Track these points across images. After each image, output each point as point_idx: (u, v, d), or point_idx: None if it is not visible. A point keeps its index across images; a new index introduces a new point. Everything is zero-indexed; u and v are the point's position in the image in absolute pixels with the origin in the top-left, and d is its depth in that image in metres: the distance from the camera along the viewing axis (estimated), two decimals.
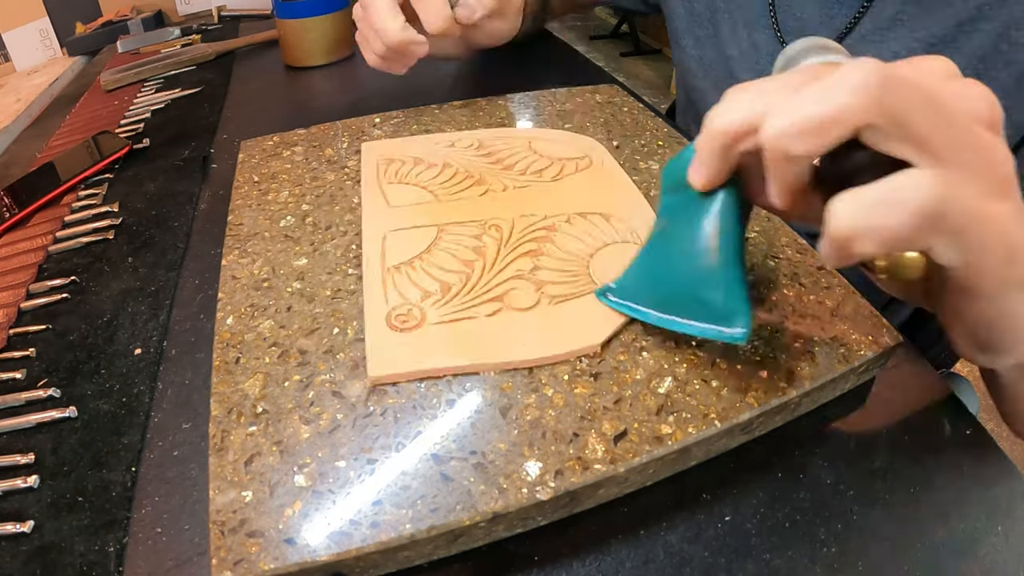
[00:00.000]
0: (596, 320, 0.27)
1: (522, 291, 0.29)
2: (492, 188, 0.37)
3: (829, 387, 0.26)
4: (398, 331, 0.27)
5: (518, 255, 0.31)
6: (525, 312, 0.28)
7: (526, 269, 0.30)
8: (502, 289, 0.29)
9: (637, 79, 2.86)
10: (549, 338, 0.27)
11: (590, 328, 0.27)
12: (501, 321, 0.28)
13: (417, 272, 0.30)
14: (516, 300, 0.29)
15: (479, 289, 0.29)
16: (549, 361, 0.26)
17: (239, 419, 0.24)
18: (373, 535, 0.20)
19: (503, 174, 0.39)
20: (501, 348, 0.26)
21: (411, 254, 0.31)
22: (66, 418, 0.27)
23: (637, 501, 0.24)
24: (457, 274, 0.30)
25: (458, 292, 0.29)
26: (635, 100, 0.49)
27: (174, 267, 0.36)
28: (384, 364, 0.26)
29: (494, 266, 0.31)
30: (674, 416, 0.24)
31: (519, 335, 0.27)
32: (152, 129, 0.54)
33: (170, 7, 0.88)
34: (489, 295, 0.29)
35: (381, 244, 0.32)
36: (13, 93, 0.69)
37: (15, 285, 0.35)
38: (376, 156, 0.41)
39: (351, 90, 0.61)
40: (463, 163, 0.40)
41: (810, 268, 0.31)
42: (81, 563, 0.22)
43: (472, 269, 0.30)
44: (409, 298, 0.29)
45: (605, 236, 0.33)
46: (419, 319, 0.28)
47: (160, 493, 0.24)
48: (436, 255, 0.31)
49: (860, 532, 0.23)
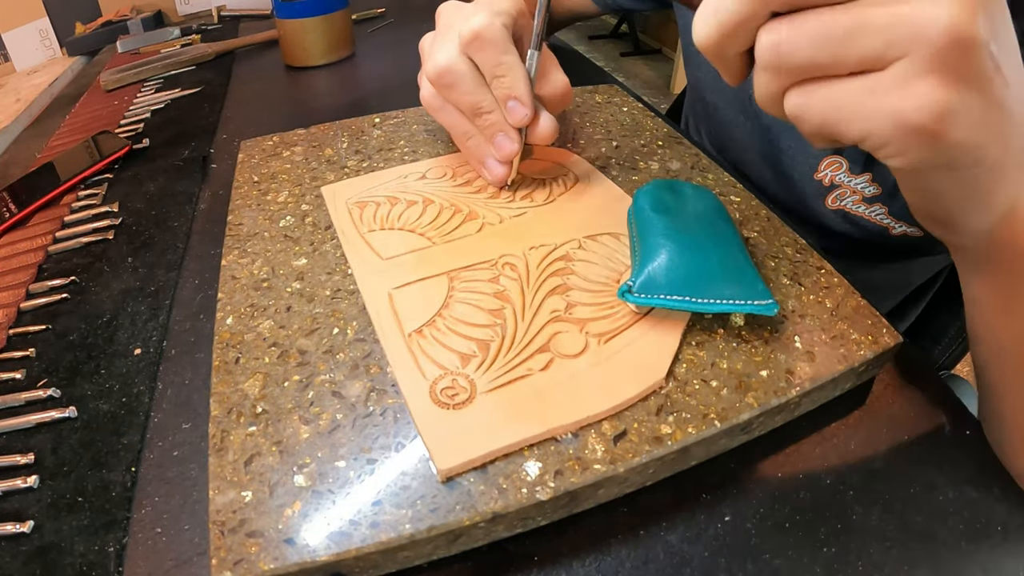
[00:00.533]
0: (650, 352, 0.26)
1: (568, 335, 0.27)
2: (487, 221, 0.34)
3: (829, 387, 0.26)
4: (448, 408, 0.24)
5: (545, 294, 0.29)
6: (578, 358, 0.26)
7: (561, 309, 0.28)
8: (544, 336, 0.27)
9: (637, 79, 2.86)
10: (614, 382, 0.25)
11: (649, 362, 0.25)
12: (557, 373, 0.25)
13: (444, 333, 0.27)
14: (564, 346, 0.26)
15: (520, 342, 0.26)
16: (623, 407, 0.24)
17: (239, 419, 0.24)
18: (373, 535, 0.20)
19: (491, 203, 0.35)
20: (569, 403, 0.24)
21: (429, 312, 0.28)
22: (66, 418, 0.27)
23: (637, 501, 0.24)
24: (489, 328, 0.27)
25: (499, 349, 0.26)
26: (635, 100, 0.49)
27: (174, 267, 0.36)
28: (453, 454, 0.22)
29: (525, 312, 0.28)
30: (674, 416, 0.24)
31: (581, 385, 0.25)
32: (152, 129, 0.54)
33: (170, 7, 0.88)
34: (533, 346, 0.26)
35: (390, 305, 0.29)
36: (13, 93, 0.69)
37: (15, 285, 0.35)
38: (343, 201, 0.36)
39: (351, 90, 0.61)
40: (444, 196, 0.36)
41: (810, 268, 0.31)
42: (81, 563, 0.22)
43: (503, 319, 0.28)
44: (447, 366, 0.25)
45: (623, 256, 0.31)
46: (469, 390, 0.24)
47: (160, 493, 0.24)
48: (457, 308, 0.28)
49: (860, 532, 0.23)
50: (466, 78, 0.33)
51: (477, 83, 0.33)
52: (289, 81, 0.64)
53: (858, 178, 0.41)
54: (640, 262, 0.28)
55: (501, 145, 0.34)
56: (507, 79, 0.33)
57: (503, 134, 0.34)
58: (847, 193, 0.42)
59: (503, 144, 0.34)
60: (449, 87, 0.34)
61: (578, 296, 0.29)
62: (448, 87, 0.34)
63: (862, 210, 0.42)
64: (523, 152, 0.36)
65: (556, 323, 0.27)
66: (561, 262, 0.31)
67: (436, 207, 0.35)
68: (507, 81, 0.33)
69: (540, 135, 0.35)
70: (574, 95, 0.49)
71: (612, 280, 0.30)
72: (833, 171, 0.42)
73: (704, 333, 0.27)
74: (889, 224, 0.41)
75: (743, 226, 0.34)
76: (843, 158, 0.41)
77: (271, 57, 0.71)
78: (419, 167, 0.39)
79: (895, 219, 0.41)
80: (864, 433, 0.27)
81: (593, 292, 0.29)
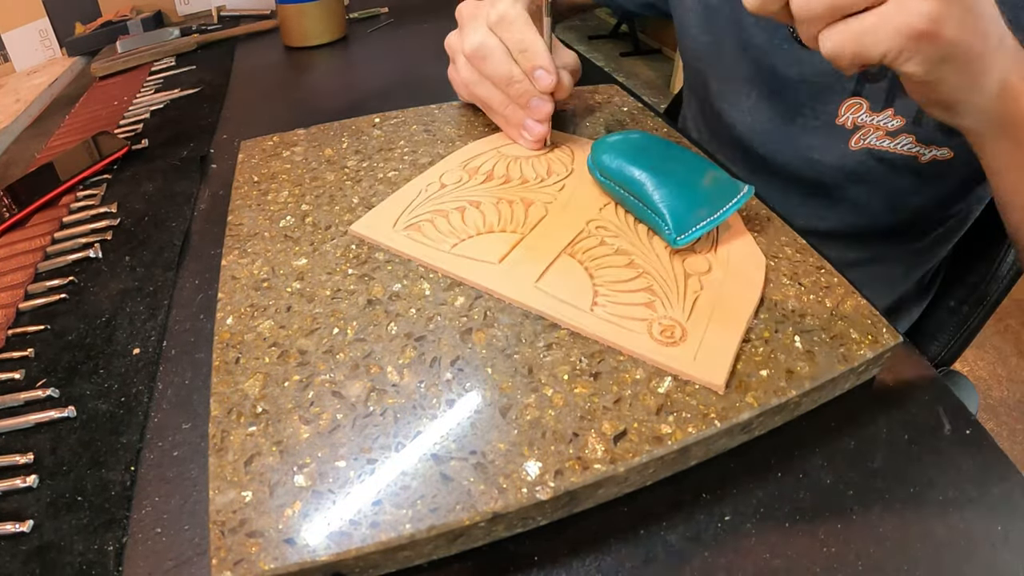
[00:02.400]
0: (741, 260, 0.31)
1: (690, 258, 0.31)
2: (544, 201, 0.36)
3: (829, 387, 0.26)
4: (677, 345, 0.26)
5: (645, 233, 0.33)
6: (711, 272, 0.31)
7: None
8: (678, 263, 0.31)
9: (636, 79, 2.86)
10: (745, 281, 0.30)
11: (746, 269, 0.31)
12: (710, 287, 0.30)
13: (614, 295, 0.29)
14: (698, 267, 0.31)
15: (671, 277, 0.30)
16: (762, 292, 0.29)
17: (239, 419, 0.24)
18: (373, 535, 0.20)
19: (530, 188, 0.37)
20: (737, 298, 0.29)
21: (586, 285, 0.29)
22: (65, 418, 0.27)
23: (637, 501, 0.24)
24: (641, 277, 0.30)
25: (663, 288, 0.29)
26: (635, 100, 0.49)
27: (172, 267, 0.36)
28: (718, 369, 0.25)
29: (649, 254, 0.32)
30: (674, 416, 0.24)
31: (729, 287, 0.30)
32: (151, 129, 0.54)
33: (170, 7, 0.88)
34: (681, 274, 0.30)
35: (549, 294, 0.29)
36: (13, 93, 0.69)
37: (13, 285, 0.35)
38: (390, 230, 0.34)
39: (351, 90, 0.61)
40: (484, 195, 0.36)
41: (810, 268, 0.31)
42: (80, 563, 0.22)
43: (641, 267, 0.31)
44: (644, 317, 0.28)
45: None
46: (675, 324, 0.27)
47: (160, 493, 0.24)
48: (601, 275, 0.30)
49: (860, 532, 0.23)
50: (498, 51, 0.38)
51: (507, 56, 0.38)
52: (289, 81, 0.65)
53: (880, 115, 0.44)
54: (656, 210, 0.32)
55: (537, 107, 0.39)
56: (531, 52, 0.37)
57: (536, 98, 0.39)
58: (870, 131, 0.45)
59: (539, 106, 0.39)
60: (484, 59, 0.39)
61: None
62: (483, 59, 0.39)
63: (887, 144, 0.45)
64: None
65: (674, 254, 0.31)
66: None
67: (490, 206, 0.35)
68: (531, 54, 0.37)
69: (560, 92, 0.39)
70: (573, 94, 0.49)
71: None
72: (854, 113, 0.45)
73: None
74: (918, 152, 0.44)
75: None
76: (863, 99, 0.44)
77: (271, 57, 0.71)
78: (428, 177, 0.38)
79: (924, 144, 0.43)
80: (864, 433, 0.27)
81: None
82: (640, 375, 0.25)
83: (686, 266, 0.31)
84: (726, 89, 0.53)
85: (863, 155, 0.46)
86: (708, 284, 0.30)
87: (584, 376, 0.25)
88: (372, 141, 0.43)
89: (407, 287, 0.30)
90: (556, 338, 0.27)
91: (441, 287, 0.30)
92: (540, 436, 0.23)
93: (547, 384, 0.25)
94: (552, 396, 0.25)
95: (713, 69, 0.54)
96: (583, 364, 0.26)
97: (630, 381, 0.25)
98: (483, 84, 0.40)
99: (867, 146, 0.45)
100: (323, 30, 0.73)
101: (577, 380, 0.25)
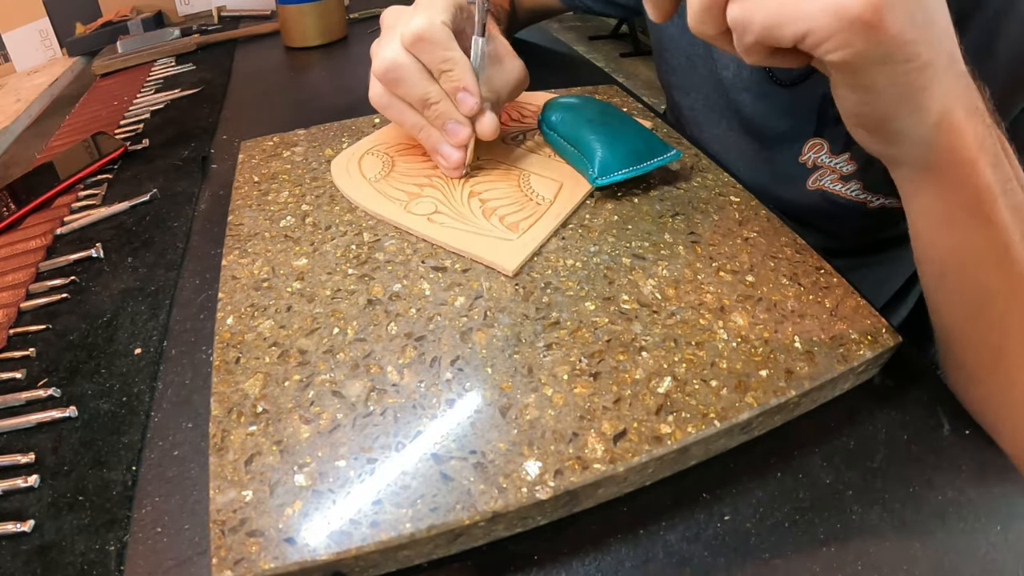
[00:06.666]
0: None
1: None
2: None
3: (828, 387, 0.26)
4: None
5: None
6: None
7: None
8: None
9: (636, 79, 2.86)
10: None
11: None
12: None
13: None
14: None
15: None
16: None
17: (239, 419, 0.24)
18: (373, 534, 0.20)
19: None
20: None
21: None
22: (66, 418, 0.27)
23: (637, 501, 0.24)
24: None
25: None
26: (634, 100, 0.49)
27: (174, 267, 0.36)
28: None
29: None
30: (673, 416, 0.24)
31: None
32: (152, 129, 0.54)
33: (170, 7, 0.88)
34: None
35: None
36: (13, 93, 0.69)
37: (15, 285, 0.35)
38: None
39: (351, 90, 0.61)
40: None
41: (810, 268, 0.31)
42: (81, 562, 0.22)
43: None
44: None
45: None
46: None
47: (160, 493, 0.24)
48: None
49: (860, 532, 0.23)
50: (412, 72, 0.34)
51: (423, 76, 0.34)
52: (289, 81, 0.65)
53: (838, 158, 0.43)
54: (587, 155, 0.36)
55: (454, 131, 0.35)
56: (454, 72, 0.34)
57: (453, 121, 0.35)
58: (827, 173, 0.45)
59: (456, 130, 0.35)
60: (396, 82, 0.35)
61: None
62: (395, 82, 0.35)
63: (840, 188, 0.44)
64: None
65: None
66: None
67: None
68: (454, 74, 0.34)
69: (483, 130, 0.36)
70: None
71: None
72: (815, 152, 0.44)
73: (704, 333, 0.27)
74: (866, 198, 0.44)
75: (743, 226, 0.34)
76: (824, 140, 0.44)
77: (271, 58, 0.71)
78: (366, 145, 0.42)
79: (871, 192, 0.43)
80: (864, 433, 0.27)
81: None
82: (640, 375, 0.25)
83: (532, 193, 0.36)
84: (699, 116, 0.53)
85: (817, 196, 0.46)
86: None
87: (584, 376, 0.25)
88: None
89: (407, 287, 0.30)
90: (556, 338, 0.27)
91: (441, 287, 0.30)
92: (540, 436, 0.23)
93: (547, 384, 0.25)
94: (552, 396, 0.25)
95: (686, 93, 0.53)
96: (583, 364, 0.26)
97: (630, 381, 0.25)
98: (395, 106, 0.36)
99: (821, 187, 0.45)
100: (323, 30, 0.73)
101: (577, 380, 0.25)
